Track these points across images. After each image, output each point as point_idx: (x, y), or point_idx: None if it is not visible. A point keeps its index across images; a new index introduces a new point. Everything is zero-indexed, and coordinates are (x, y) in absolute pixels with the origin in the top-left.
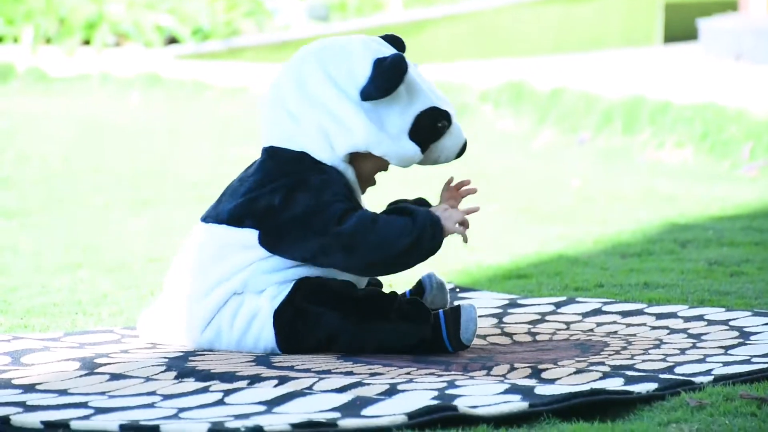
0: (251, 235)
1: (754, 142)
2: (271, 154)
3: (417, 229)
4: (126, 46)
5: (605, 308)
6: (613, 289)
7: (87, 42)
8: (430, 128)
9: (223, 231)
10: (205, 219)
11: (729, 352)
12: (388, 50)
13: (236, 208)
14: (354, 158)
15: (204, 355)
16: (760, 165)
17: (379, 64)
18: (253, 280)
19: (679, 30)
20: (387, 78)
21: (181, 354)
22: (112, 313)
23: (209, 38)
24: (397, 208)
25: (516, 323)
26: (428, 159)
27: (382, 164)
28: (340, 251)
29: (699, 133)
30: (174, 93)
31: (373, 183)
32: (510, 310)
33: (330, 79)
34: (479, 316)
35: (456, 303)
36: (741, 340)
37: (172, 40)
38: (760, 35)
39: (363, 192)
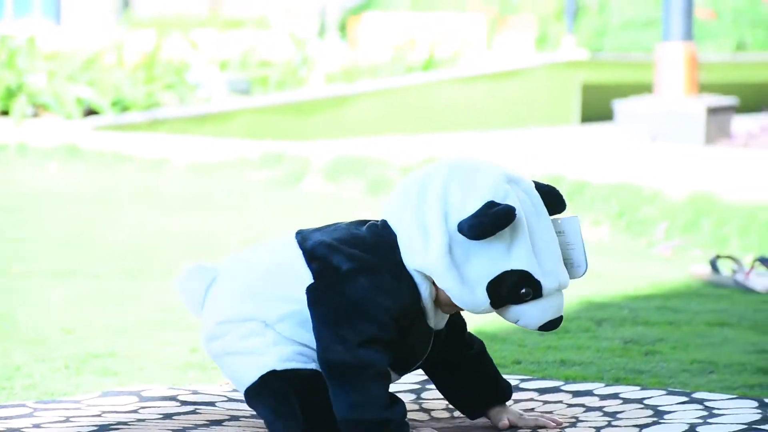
0: (308, 276)
1: (670, 221)
2: (379, 227)
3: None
4: (45, 118)
5: (522, 385)
6: (530, 366)
7: (5, 113)
8: (511, 290)
9: (297, 254)
10: (297, 234)
11: (644, 430)
12: (520, 198)
13: (319, 246)
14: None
15: (119, 429)
16: (675, 244)
17: (487, 206)
18: (286, 321)
19: (597, 110)
20: (484, 222)
21: (96, 428)
22: (25, 386)
23: (129, 110)
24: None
25: (434, 399)
26: (506, 316)
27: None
28: (335, 360)
29: (615, 211)
30: (93, 164)
31: (457, 310)
32: (428, 386)
33: (443, 195)
34: (397, 392)
35: None
36: (655, 419)
37: (92, 112)
38: (674, 117)
39: (445, 312)
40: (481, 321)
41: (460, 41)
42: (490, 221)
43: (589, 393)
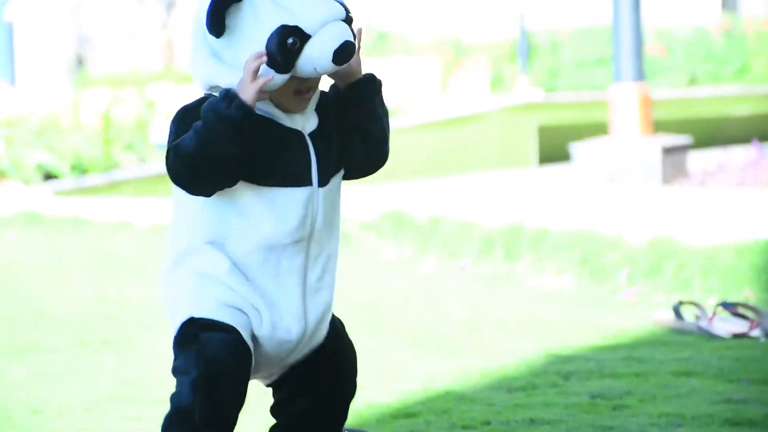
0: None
1: (632, 267)
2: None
3: (203, 114)
4: (3, 184)
5: None
6: (499, 426)
7: None
8: (279, 49)
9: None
10: None
11: None
12: None
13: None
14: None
15: None
16: (638, 290)
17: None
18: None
19: (554, 151)
20: (208, 15)
21: None
22: None
23: (89, 172)
24: None
25: None
26: (302, 73)
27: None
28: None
29: (578, 259)
30: (53, 230)
31: (303, 99)
32: None
33: (196, 20)
34: None
35: None
36: None
37: (51, 176)
38: (630, 158)
39: (296, 108)
40: (449, 381)
41: (414, 86)
42: (210, 11)
43: None
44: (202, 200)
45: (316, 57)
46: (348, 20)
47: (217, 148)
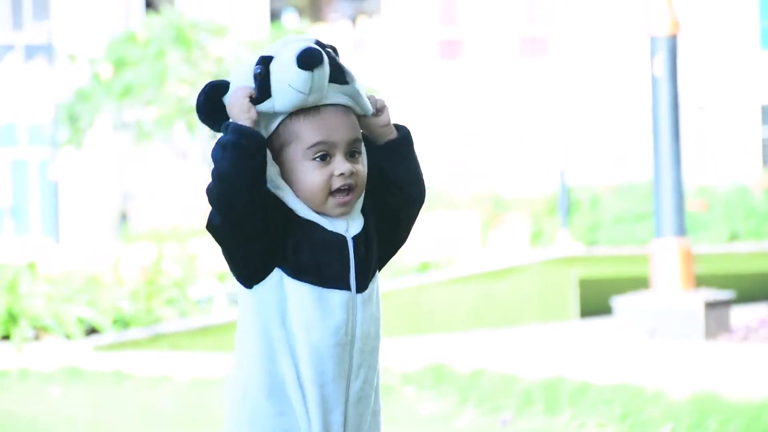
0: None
1: (674, 423)
2: None
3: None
4: (46, 340)
5: None
6: None
7: (6, 337)
8: (254, 80)
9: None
10: None
11: None
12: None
13: None
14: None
15: None
16: None
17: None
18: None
19: (595, 305)
20: (198, 103)
21: None
22: None
23: (130, 327)
24: None
25: None
26: (285, 98)
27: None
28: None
29: (618, 414)
30: (94, 385)
31: (341, 202)
32: None
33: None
34: None
35: None
36: None
37: (93, 331)
38: (672, 313)
39: (335, 212)
40: None
41: (455, 239)
42: (200, 100)
43: None
44: (254, 303)
45: (281, 71)
46: (341, 73)
47: (228, 176)
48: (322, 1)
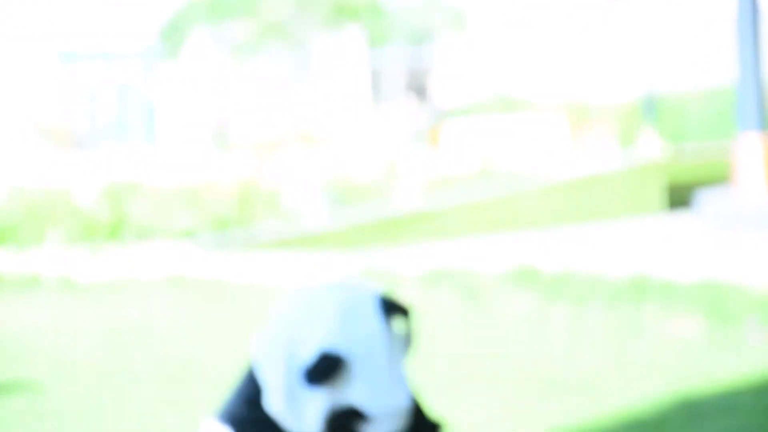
0: None
1: (757, 314)
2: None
3: None
4: (149, 247)
5: None
6: None
7: (111, 242)
8: (342, 426)
9: None
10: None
11: None
12: (354, 334)
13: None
14: None
15: None
16: (766, 334)
17: (319, 356)
18: None
19: (679, 199)
20: (313, 372)
21: None
22: None
23: (229, 234)
24: None
25: None
26: None
27: None
28: None
29: (703, 307)
30: (195, 290)
31: None
32: None
33: (284, 345)
34: None
35: None
36: None
37: (193, 238)
38: (754, 207)
39: None
40: (579, 423)
41: (543, 142)
42: (318, 371)
43: None
44: None
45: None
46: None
47: None
48: None
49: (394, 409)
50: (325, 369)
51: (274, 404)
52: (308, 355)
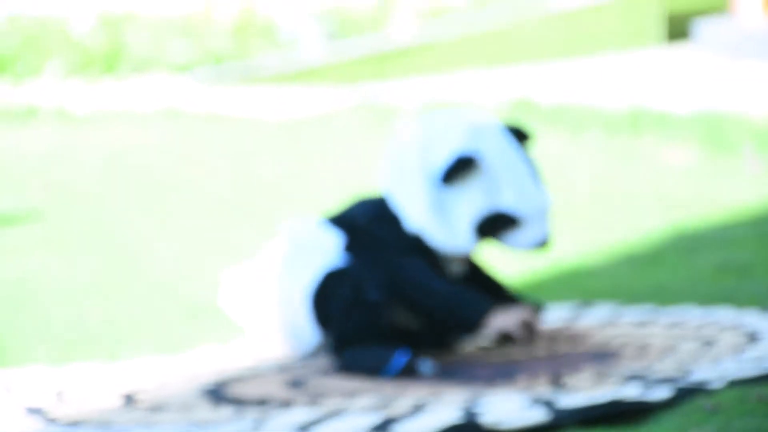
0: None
1: (755, 142)
2: (381, 203)
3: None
4: (145, 77)
5: (619, 314)
6: (625, 297)
7: (107, 73)
8: (490, 226)
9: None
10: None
11: (741, 354)
12: (487, 142)
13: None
14: None
15: (238, 382)
16: (763, 164)
17: (453, 157)
18: None
19: (676, 30)
20: (448, 170)
21: (216, 382)
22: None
23: (225, 67)
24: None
25: None
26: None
27: None
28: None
29: (701, 135)
30: (190, 121)
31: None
32: None
33: (421, 158)
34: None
35: None
36: (752, 342)
37: (189, 70)
38: (752, 35)
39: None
40: (574, 254)
41: None
42: (453, 168)
43: (685, 320)
44: None
45: (514, 242)
46: None
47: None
48: None
49: (541, 209)
50: (459, 167)
51: (417, 221)
52: (444, 161)
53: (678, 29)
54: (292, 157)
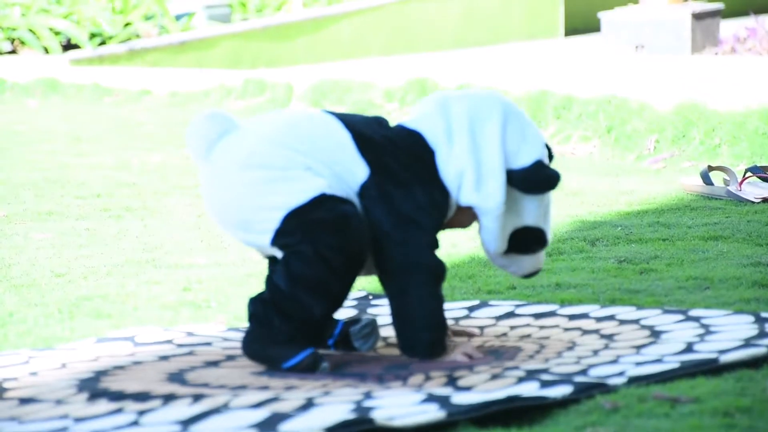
0: (359, 160)
1: (658, 134)
2: (412, 138)
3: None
4: (22, 52)
5: (518, 311)
6: (525, 290)
7: None
8: (525, 243)
9: (340, 128)
10: (329, 112)
11: (641, 351)
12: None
13: (369, 141)
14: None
15: (115, 374)
16: (665, 157)
17: (538, 165)
18: (327, 177)
19: (581, 22)
20: (537, 181)
21: (92, 374)
22: (19, 333)
23: (108, 42)
24: None
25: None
26: (501, 262)
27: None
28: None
29: (603, 126)
30: (73, 98)
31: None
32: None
33: (502, 139)
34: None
35: (366, 313)
36: (652, 340)
37: (70, 46)
38: (659, 25)
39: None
40: (473, 246)
41: None
42: (543, 181)
43: (585, 316)
44: None
45: (523, 266)
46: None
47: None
48: None
49: (550, 242)
50: (545, 178)
51: (486, 200)
52: (525, 162)
53: (584, 20)
54: (182, 135)
